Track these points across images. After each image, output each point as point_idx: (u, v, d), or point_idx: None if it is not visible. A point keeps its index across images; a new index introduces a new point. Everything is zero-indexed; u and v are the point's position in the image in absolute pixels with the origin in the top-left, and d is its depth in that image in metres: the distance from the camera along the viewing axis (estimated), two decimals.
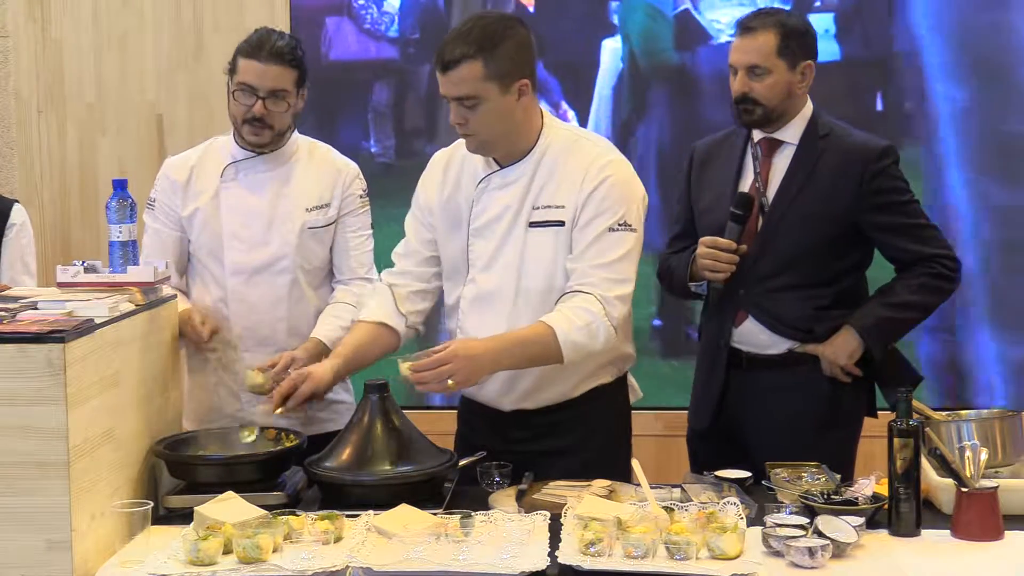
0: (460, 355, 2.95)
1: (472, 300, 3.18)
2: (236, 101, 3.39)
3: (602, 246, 3.08)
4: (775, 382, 3.38)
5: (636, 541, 2.57)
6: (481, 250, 3.18)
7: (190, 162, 3.54)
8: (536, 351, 3.04)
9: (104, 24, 4.93)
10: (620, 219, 3.09)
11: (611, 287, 3.07)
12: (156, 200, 3.53)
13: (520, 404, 3.22)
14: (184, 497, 2.95)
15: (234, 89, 3.39)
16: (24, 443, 2.58)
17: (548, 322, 3.03)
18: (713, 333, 3.48)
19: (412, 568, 2.55)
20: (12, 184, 4.94)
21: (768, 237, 3.36)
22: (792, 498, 2.86)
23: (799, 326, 3.36)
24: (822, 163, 3.36)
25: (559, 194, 3.12)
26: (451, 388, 2.95)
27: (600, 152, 3.15)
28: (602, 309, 3.04)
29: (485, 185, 3.18)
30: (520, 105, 3.08)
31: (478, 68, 3.00)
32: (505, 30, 3.04)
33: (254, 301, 3.45)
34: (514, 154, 3.15)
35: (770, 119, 3.37)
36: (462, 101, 3.04)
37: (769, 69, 3.33)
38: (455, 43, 3.02)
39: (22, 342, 2.58)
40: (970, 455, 2.83)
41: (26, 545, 2.59)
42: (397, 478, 2.95)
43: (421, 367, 2.93)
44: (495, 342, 3.04)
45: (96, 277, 3.03)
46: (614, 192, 3.09)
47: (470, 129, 3.07)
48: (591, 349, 3.06)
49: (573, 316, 3.03)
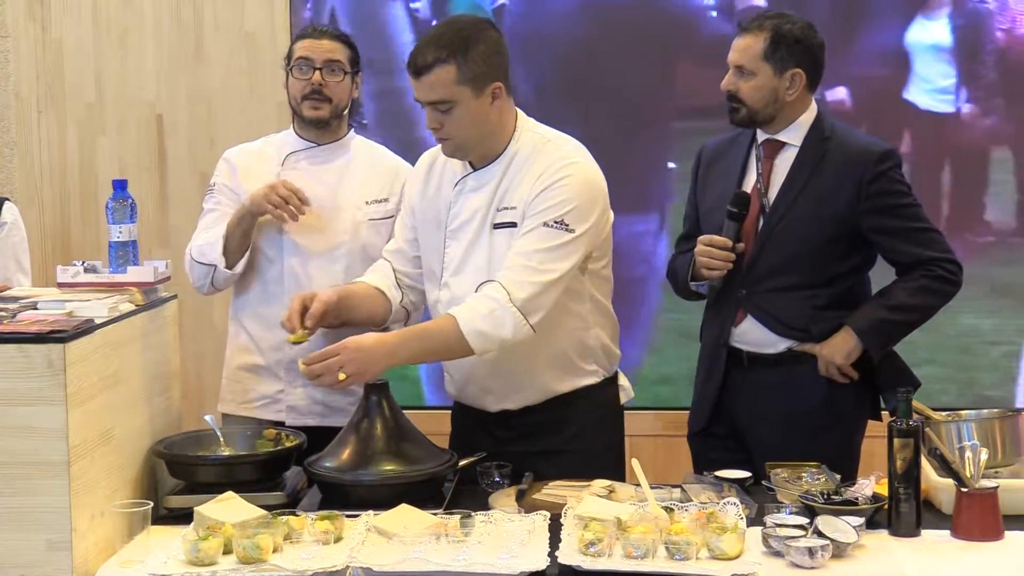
0: (350, 347, 2.96)
1: (447, 304, 3.17)
2: (295, 78, 3.54)
3: (530, 238, 3.06)
4: (775, 381, 3.39)
5: (636, 541, 2.57)
6: (453, 253, 3.19)
7: (251, 149, 3.66)
8: (437, 343, 3.03)
9: (104, 24, 4.93)
10: (559, 217, 3.05)
11: (523, 274, 3.02)
12: (217, 184, 3.62)
13: (502, 404, 3.23)
14: (184, 497, 2.95)
15: (291, 67, 3.54)
16: (24, 443, 2.58)
17: (452, 312, 3.03)
18: (713, 333, 3.48)
19: (412, 568, 2.55)
20: (12, 184, 4.94)
21: (769, 237, 3.37)
22: (792, 498, 2.86)
23: (798, 326, 3.36)
24: (824, 165, 3.36)
25: (516, 195, 3.12)
26: (344, 381, 2.95)
27: (564, 154, 3.13)
28: (506, 295, 3.00)
29: (461, 187, 3.19)
30: (494, 108, 3.08)
31: (451, 72, 3.01)
32: (477, 33, 3.05)
33: (309, 285, 3.45)
34: (488, 156, 3.15)
35: (755, 120, 3.39)
36: (436, 105, 3.04)
37: (754, 71, 3.35)
38: (427, 48, 3.02)
39: (22, 342, 2.58)
40: (970, 455, 2.83)
41: (26, 545, 2.59)
42: (397, 478, 2.95)
43: (312, 359, 2.96)
44: (392, 336, 3.06)
45: (96, 277, 3.03)
46: (562, 192, 3.06)
47: (445, 133, 3.08)
48: (500, 337, 3.01)
49: (476, 304, 3.02)
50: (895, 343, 3.40)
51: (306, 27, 3.84)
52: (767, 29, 3.35)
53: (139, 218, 3.18)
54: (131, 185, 3.11)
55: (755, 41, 3.36)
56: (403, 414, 3.09)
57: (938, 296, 3.37)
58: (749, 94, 3.36)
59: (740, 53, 3.37)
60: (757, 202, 3.38)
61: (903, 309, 3.34)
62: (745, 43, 3.37)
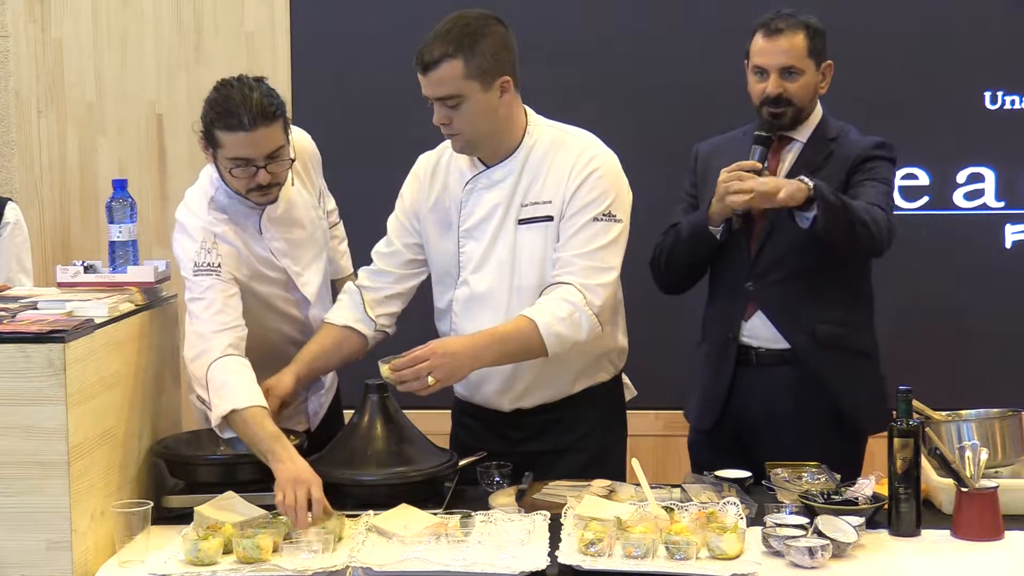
0: (438, 352, 2.95)
1: (465, 302, 3.18)
2: (233, 176, 3.09)
3: (586, 235, 3.08)
4: (785, 380, 3.37)
5: (636, 541, 2.57)
6: (472, 251, 3.18)
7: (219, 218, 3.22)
8: (517, 346, 3.03)
9: (104, 24, 4.92)
10: (605, 209, 3.09)
11: (592, 275, 3.06)
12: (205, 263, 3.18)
13: (518, 403, 3.22)
14: (184, 497, 2.95)
15: (228, 167, 3.07)
16: (24, 443, 2.58)
17: (529, 315, 3.03)
18: (720, 328, 3.46)
19: (412, 568, 2.55)
20: (12, 184, 4.94)
21: (776, 229, 3.36)
22: (792, 498, 2.86)
23: (803, 321, 3.35)
24: (829, 163, 3.37)
25: (546, 190, 3.12)
26: (432, 386, 2.94)
27: (586, 146, 3.15)
28: (583, 298, 3.04)
29: (473, 186, 3.18)
30: (503, 102, 3.08)
31: (459, 67, 3.00)
32: (484, 27, 3.05)
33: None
34: (500, 152, 3.15)
35: (798, 120, 3.38)
36: (444, 101, 3.04)
37: (802, 69, 3.35)
38: (434, 43, 3.02)
39: (22, 342, 2.58)
40: (970, 455, 2.83)
41: (26, 545, 2.59)
42: (397, 478, 2.95)
43: (400, 365, 2.93)
44: (475, 339, 3.04)
45: (96, 277, 3.03)
46: (600, 184, 3.10)
47: (454, 129, 3.08)
48: (575, 339, 3.05)
49: (554, 307, 3.03)
50: (837, 225, 3.20)
51: (221, 106, 3.03)
52: (801, 25, 3.35)
53: (139, 218, 3.18)
54: (131, 185, 3.11)
55: (797, 39, 3.34)
56: (403, 414, 3.09)
57: (874, 224, 3.23)
58: (799, 93, 3.36)
59: (785, 54, 3.34)
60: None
61: (850, 205, 3.21)
62: (789, 42, 3.34)
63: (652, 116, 4.64)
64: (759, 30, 3.39)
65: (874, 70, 4.64)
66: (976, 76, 4.69)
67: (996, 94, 4.69)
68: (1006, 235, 4.74)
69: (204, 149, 3.13)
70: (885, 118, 4.43)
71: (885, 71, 4.68)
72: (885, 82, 4.67)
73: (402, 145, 4.06)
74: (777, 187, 3.19)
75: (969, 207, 4.74)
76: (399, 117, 4.78)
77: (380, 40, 4.79)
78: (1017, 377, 4.64)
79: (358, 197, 3.98)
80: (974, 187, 4.73)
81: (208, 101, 3.09)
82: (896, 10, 4.70)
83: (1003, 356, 4.72)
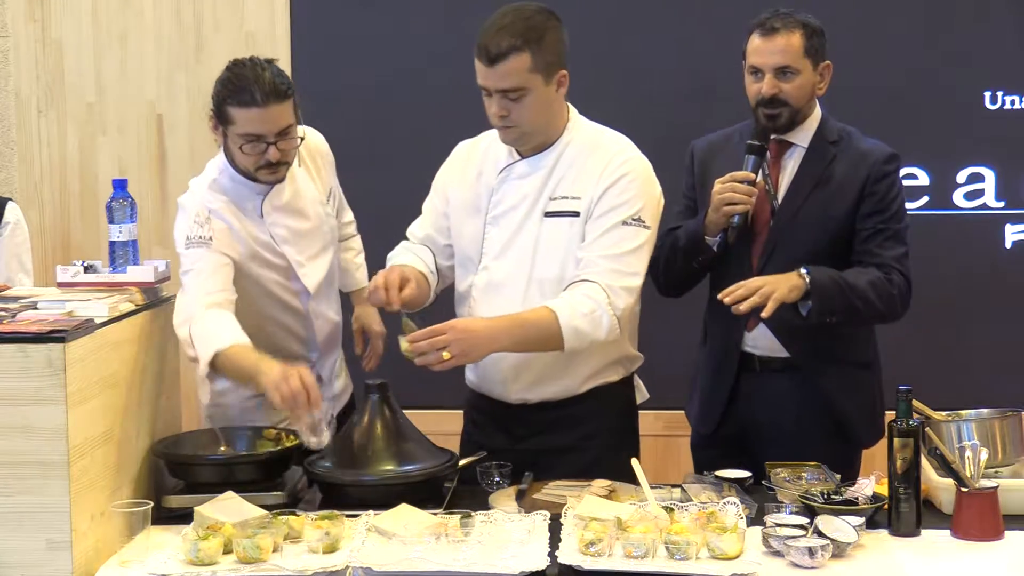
0: (457, 328, 2.97)
1: (484, 288, 3.20)
2: (244, 153, 3.14)
3: (613, 238, 3.10)
4: (787, 387, 3.36)
5: (636, 541, 2.58)
6: (496, 238, 3.20)
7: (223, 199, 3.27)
8: (536, 334, 3.05)
9: (104, 24, 4.92)
10: (635, 214, 3.12)
11: (617, 278, 3.08)
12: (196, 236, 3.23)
13: (525, 395, 3.22)
14: (184, 497, 2.95)
15: (239, 143, 3.13)
16: (24, 443, 2.58)
17: (551, 306, 3.04)
18: (722, 336, 3.44)
19: (412, 568, 2.55)
20: (12, 184, 4.94)
21: (778, 238, 3.34)
22: (792, 498, 2.86)
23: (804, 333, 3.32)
24: (833, 168, 3.34)
25: (576, 185, 3.15)
26: (447, 361, 2.94)
27: (621, 148, 3.18)
28: (606, 298, 3.06)
29: (507, 174, 3.20)
30: (558, 96, 3.12)
31: (526, 60, 3.03)
32: (547, 21, 3.08)
33: None
34: (542, 145, 3.17)
35: (794, 122, 3.34)
36: (507, 93, 3.06)
37: (798, 70, 3.31)
38: (500, 36, 3.03)
39: (22, 342, 2.58)
40: (970, 455, 2.83)
41: (26, 545, 2.59)
42: (397, 478, 2.95)
43: (418, 337, 2.94)
44: (495, 321, 3.05)
45: (96, 277, 3.03)
46: (632, 187, 3.12)
47: (512, 121, 3.10)
48: (593, 337, 3.06)
49: (576, 303, 3.05)
50: (836, 314, 3.22)
51: (235, 83, 3.10)
52: (798, 25, 3.32)
53: (139, 218, 3.18)
54: (131, 185, 3.11)
55: (793, 38, 3.30)
56: (403, 414, 3.09)
57: (880, 299, 3.25)
58: (795, 94, 3.31)
59: (781, 54, 3.30)
60: (767, 204, 3.36)
61: (853, 289, 3.22)
62: (785, 42, 3.29)
63: (652, 116, 4.64)
64: (755, 29, 3.36)
65: (874, 70, 4.64)
66: (976, 76, 4.70)
67: (996, 94, 4.70)
68: (1006, 235, 4.75)
69: (214, 129, 3.20)
70: (885, 118, 4.45)
71: (885, 71, 4.68)
72: (885, 82, 4.67)
73: (402, 145, 4.08)
74: (774, 290, 3.13)
75: (969, 207, 4.75)
76: (399, 117, 4.79)
77: (380, 40, 4.80)
78: (1017, 377, 4.64)
79: (358, 197, 3.96)
80: (974, 187, 4.74)
81: (220, 80, 3.17)
82: (896, 10, 4.71)
83: (1003, 356, 4.73)
